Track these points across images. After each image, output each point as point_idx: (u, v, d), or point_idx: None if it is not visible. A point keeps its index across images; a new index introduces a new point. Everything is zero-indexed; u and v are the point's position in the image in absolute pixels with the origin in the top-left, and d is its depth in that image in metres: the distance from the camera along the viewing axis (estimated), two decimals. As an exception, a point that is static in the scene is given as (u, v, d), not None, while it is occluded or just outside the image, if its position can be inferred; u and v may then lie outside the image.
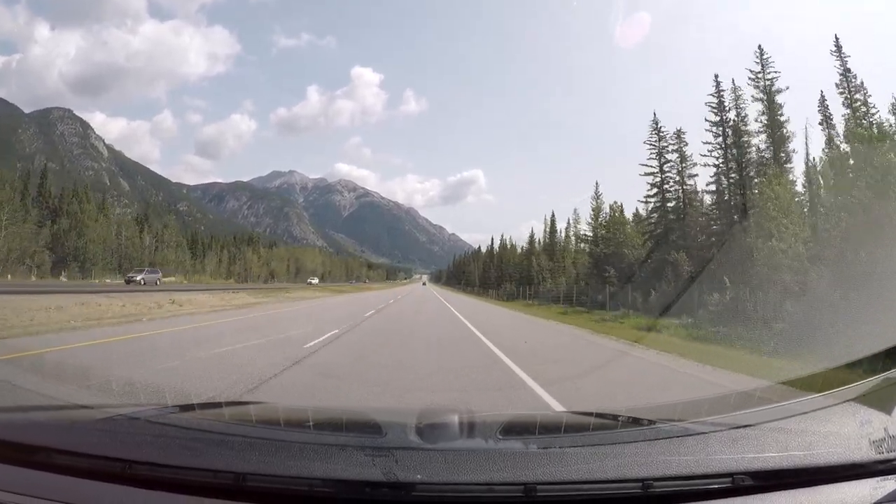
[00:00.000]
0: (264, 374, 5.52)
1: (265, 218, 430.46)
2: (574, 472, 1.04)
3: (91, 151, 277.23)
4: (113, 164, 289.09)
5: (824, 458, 1.10)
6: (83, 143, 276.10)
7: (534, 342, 11.26)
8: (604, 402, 4.88)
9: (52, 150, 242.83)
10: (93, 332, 9.05)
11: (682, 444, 1.22)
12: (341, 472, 1.02)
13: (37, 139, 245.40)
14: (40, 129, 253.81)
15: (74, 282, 36.59)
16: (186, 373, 5.48)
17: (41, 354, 6.34)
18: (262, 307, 19.99)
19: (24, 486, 1.00)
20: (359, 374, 6.17)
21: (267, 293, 33.41)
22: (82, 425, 1.32)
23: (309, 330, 10.71)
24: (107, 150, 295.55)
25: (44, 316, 10.61)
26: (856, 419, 1.28)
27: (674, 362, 7.97)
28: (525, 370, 6.46)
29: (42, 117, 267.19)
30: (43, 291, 17.49)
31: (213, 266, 73.70)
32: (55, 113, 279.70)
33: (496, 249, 74.15)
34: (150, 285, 33.77)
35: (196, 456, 1.10)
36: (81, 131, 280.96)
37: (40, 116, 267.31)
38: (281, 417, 1.82)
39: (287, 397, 4.65)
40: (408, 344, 9.51)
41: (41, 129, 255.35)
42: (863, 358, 4.16)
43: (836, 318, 8.78)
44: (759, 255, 13.12)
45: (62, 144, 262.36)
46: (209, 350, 7.28)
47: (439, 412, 1.83)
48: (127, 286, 30.13)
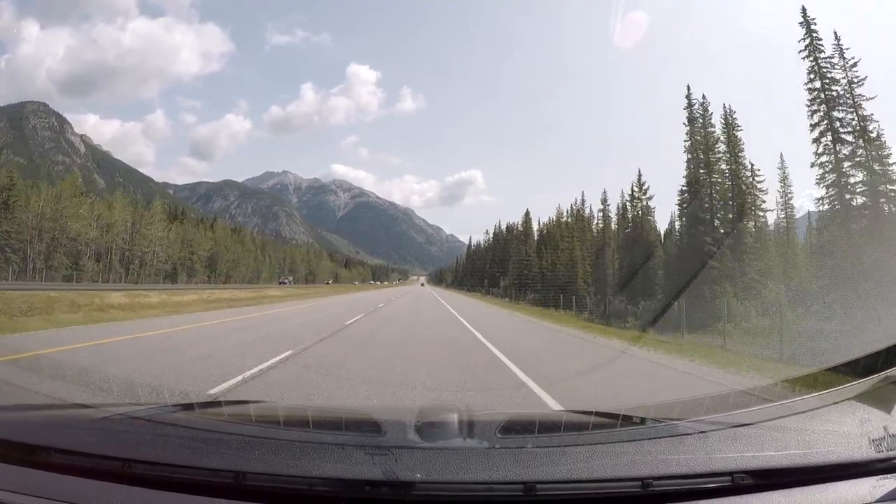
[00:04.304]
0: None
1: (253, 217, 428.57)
2: (573, 470, 1.08)
3: (65, 147, 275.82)
4: (89, 161, 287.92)
5: (824, 456, 1.14)
6: (56, 137, 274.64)
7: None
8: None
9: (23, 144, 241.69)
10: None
11: (681, 443, 1.26)
12: (341, 471, 1.06)
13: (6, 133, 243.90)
14: (11, 123, 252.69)
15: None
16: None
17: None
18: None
19: (24, 485, 1.04)
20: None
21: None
22: (82, 424, 1.35)
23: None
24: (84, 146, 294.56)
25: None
26: (855, 418, 1.32)
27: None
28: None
29: (15, 111, 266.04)
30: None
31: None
32: (29, 107, 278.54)
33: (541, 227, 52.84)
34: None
35: (196, 455, 1.13)
36: (57, 126, 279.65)
37: (13, 110, 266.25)
38: (280, 416, 1.85)
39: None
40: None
41: (12, 122, 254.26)
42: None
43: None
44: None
45: (34, 139, 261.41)
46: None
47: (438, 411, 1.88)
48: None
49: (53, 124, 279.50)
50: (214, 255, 71.68)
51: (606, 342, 12.32)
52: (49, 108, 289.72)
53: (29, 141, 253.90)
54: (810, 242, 26.92)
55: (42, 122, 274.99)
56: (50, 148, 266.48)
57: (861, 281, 15.09)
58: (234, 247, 78.96)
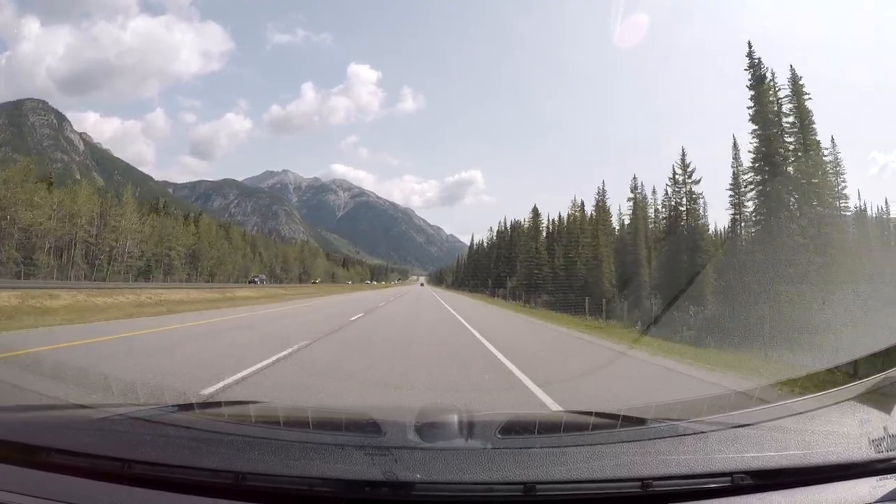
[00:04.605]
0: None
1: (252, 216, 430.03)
2: (573, 471, 1.09)
3: (63, 144, 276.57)
4: (88, 159, 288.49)
5: (823, 457, 1.15)
6: (55, 135, 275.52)
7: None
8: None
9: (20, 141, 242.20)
10: None
11: (681, 444, 1.27)
12: (341, 472, 1.06)
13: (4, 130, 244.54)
14: (10, 121, 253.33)
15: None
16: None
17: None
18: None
19: (24, 486, 1.04)
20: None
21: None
22: (81, 425, 1.36)
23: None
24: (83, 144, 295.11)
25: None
26: (855, 418, 1.34)
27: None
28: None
29: (14, 108, 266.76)
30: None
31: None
32: (28, 104, 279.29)
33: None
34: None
35: (195, 455, 1.14)
36: (56, 123, 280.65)
37: (12, 107, 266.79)
38: (280, 417, 1.86)
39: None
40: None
41: (11, 119, 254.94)
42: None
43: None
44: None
45: (32, 136, 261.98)
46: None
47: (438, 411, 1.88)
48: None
49: (52, 122, 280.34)
50: (197, 252, 64.72)
51: (707, 376, 7.27)
52: (48, 105, 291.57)
53: (27, 138, 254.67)
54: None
55: (41, 119, 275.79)
56: (48, 145, 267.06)
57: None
58: (218, 243, 71.32)
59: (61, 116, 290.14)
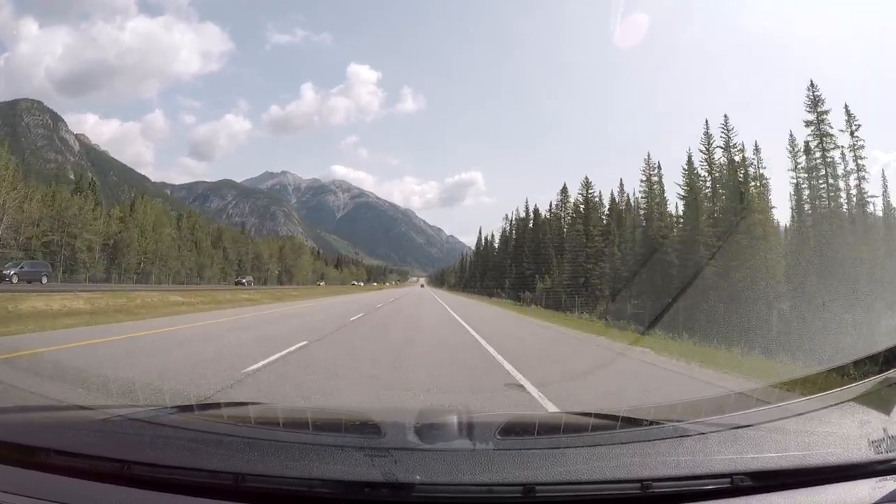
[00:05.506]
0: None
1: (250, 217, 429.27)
2: (573, 472, 1.09)
3: (58, 144, 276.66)
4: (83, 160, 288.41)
5: (823, 458, 1.16)
6: (49, 135, 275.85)
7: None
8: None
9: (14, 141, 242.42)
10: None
11: (680, 445, 1.27)
12: (340, 473, 1.07)
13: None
14: (4, 120, 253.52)
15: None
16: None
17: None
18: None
19: (24, 487, 1.05)
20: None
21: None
22: (81, 426, 1.37)
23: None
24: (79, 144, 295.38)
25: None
26: (854, 419, 1.35)
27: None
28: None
29: (9, 108, 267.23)
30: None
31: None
32: (23, 104, 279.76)
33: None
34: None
35: (195, 456, 1.15)
36: (50, 124, 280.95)
37: (6, 107, 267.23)
38: (280, 418, 1.86)
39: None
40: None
41: (5, 119, 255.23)
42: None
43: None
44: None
45: (26, 136, 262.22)
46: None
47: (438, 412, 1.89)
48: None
49: (47, 122, 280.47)
50: (119, 243, 49.74)
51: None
52: (43, 105, 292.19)
53: (21, 138, 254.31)
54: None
55: (35, 119, 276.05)
56: (42, 146, 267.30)
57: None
58: (152, 233, 53.81)
59: (56, 117, 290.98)
